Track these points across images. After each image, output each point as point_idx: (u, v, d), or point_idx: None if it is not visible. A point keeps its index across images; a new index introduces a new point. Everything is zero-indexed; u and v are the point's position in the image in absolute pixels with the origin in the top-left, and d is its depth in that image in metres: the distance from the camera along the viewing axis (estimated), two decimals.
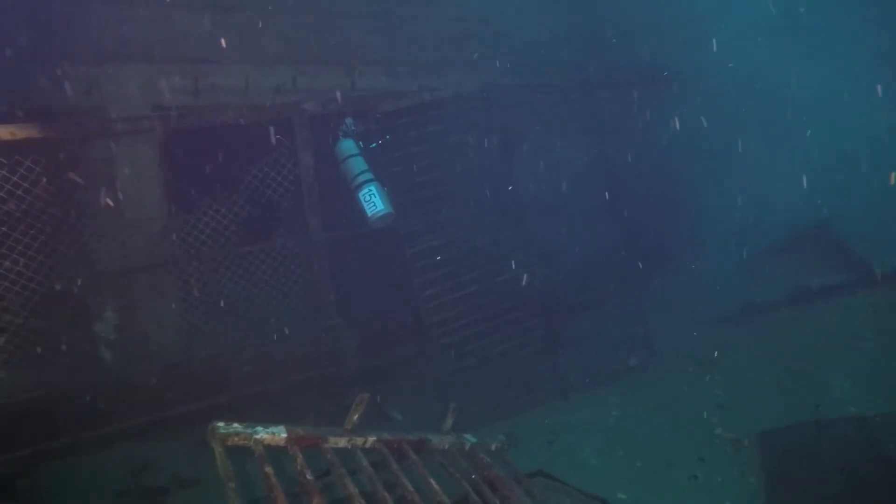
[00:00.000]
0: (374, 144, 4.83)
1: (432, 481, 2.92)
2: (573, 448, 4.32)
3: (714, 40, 6.10)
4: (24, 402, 4.25)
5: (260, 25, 4.89)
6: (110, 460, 4.17)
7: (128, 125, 4.40)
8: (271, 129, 4.70)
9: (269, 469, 2.40)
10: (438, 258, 4.73)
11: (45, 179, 4.31)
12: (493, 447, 3.76)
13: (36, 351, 4.57)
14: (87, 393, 4.39)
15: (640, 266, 5.50)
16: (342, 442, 2.93)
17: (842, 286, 5.44)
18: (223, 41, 4.71)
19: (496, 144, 5.04)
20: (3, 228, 4.21)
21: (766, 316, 5.48)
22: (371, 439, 3.04)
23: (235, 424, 2.60)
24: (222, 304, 4.87)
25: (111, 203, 4.56)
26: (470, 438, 3.67)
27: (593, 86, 5.63)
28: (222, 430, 2.51)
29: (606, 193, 5.41)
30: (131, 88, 4.55)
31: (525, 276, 5.01)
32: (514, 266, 4.99)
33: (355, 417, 3.03)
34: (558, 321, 5.22)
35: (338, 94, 4.86)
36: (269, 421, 2.86)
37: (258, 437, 2.59)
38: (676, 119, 5.77)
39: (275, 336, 4.84)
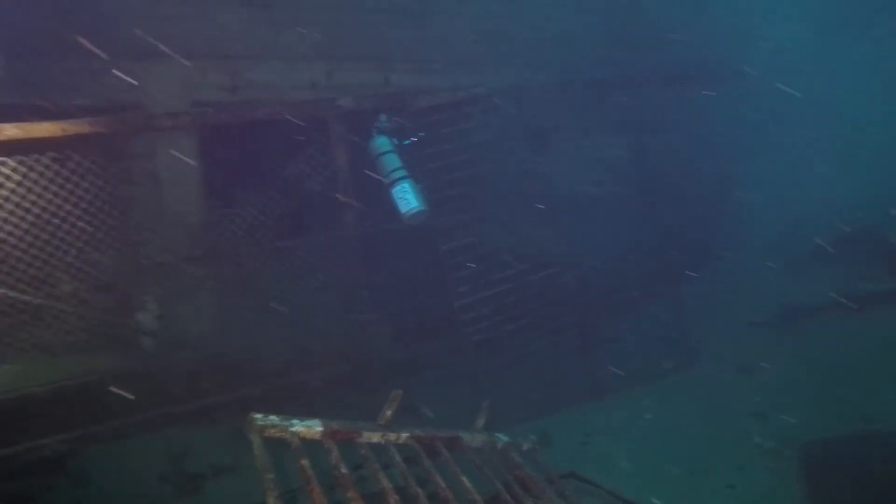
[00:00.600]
0: (408, 141, 4.83)
1: (464, 479, 2.92)
2: (606, 450, 4.26)
3: (761, 34, 5.92)
4: (75, 386, 4.42)
5: (296, 22, 4.93)
6: (152, 445, 4.29)
7: (168, 121, 4.49)
8: (307, 125, 4.74)
9: (305, 462, 2.43)
10: (472, 255, 4.72)
11: (92, 173, 4.45)
12: (524, 447, 3.74)
13: (85, 338, 4.75)
14: (131, 379, 4.53)
15: (679, 266, 5.39)
16: (376, 437, 2.94)
17: (892, 293, 5.23)
18: (260, 38, 4.77)
19: (531, 141, 4.99)
20: (56, 221, 4.37)
21: (810, 321, 5.31)
22: (404, 435, 3.05)
23: (272, 417, 2.64)
24: (257, 297, 4.95)
25: (153, 197, 4.69)
26: (502, 437, 3.65)
27: (631, 81, 5.53)
28: (260, 422, 2.56)
29: (644, 191, 5.31)
30: (172, 85, 4.65)
31: (559, 275, 4.95)
32: (548, 264, 4.93)
33: (389, 413, 3.05)
34: (592, 320, 5.16)
35: (372, 91, 4.88)
36: (301, 413, 2.89)
37: (294, 429, 2.62)
38: (719, 115, 5.62)
39: (309, 329, 4.90)
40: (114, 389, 4.36)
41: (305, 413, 2.89)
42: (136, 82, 4.47)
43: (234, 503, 3.78)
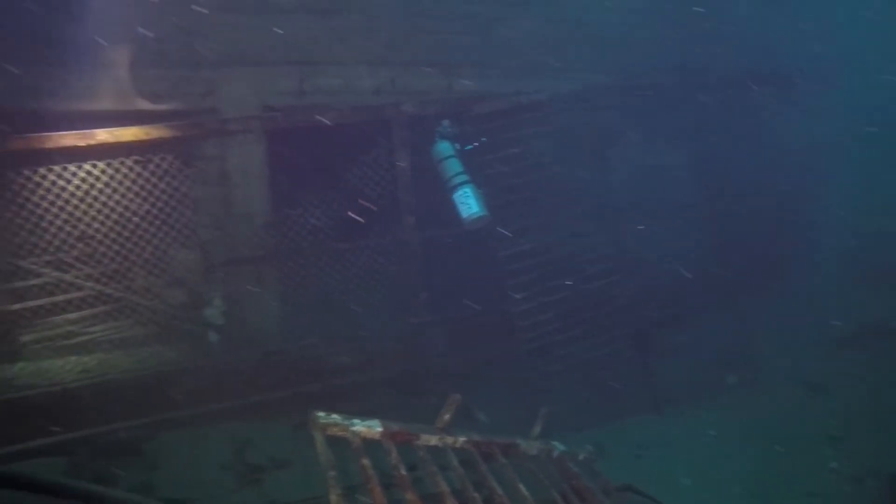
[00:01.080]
0: (469, 146, 4.85)
1: (521, 486, 2.91)
2: (664, 465, 4.13)
3: (840, 38, 5.62)
4: (149, 376, 4.67)
5: (362, 29, 5.05)
6: (216, 435, 4.45)
7: (239, 125, 4.69)
8: (371, 130, 4.84)
9: (366, 461, 2.48)
10: (531, 262, 4.69)
11: (169, 175, 4.70)
12: (580, 456, 3.68)
13: (157, 331, 5.01)
14: (198, 372, 4.74)
15: (743, 278, 5.19)
16: (433, 440, 2.97)
17: None
18: (327, 45, 4.90)
19: (591, 148, 4.93)
20: (135, 219, 4.63)
21: (887, 340, 5.00)
22: (461, 440, 3.07)
23: (335, 415, 2.70)
24: (318, 297, 5.08)
25: (222, 197, 4.89)
26: (558, 446, 3.61)
27: (696, 87, 5.38)
28: (323, 420, 2.62)
29: (708, 200, 5.15)
30: (243, 90, 4.84)
31: (618, 283, 4.87)
32: (607, 272, 4.86)
33: (447, 417, 3.07)
34: (652, 331, 5.03)
35: (435, 96, 4.94)
36: (357, 412, 2.95)
37: (355, 429, 2.68)
38: (791, 123, 5.38)
39: (366, 331, 4.99)
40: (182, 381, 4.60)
41: (360, 412, 2.95)
42: (211, 89, 4.69)
43: (291, 496, 3.85)
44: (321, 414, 2.66)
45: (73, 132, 4.14)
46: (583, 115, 4.91)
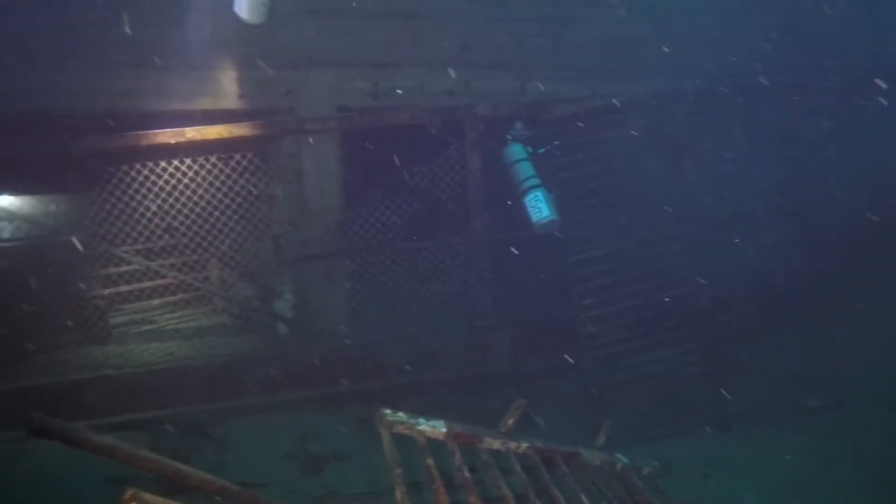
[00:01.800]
0: (542, 150, 4.80)
1: (583, 497, 2.85)
2: (734, 487, 3.93)
3: None
4: (222, 363, 4.89)
5: (437, 31, 5.10)
6: (282, 424, 4.59)
7: (316, 124, 4.83)
8: (443, 131, 4.87)
9: (430, 461, 2.50)
10: (600, 268, 4.59)
11: (248, 172, 4.91)
12: (645, 471, 3.56)
13: (230, 321, 5.24)
14: (267, 362, 4.93)
15: (832, 294, 4.87)
16: (496, 444, 2.95)
17: None
18: (402, 47, 4.98)
19: (669, 153, 4.77)
20: (216, 213, 4.87)
21: None
22: (524, 445, 3.04)
23: (400, 413, 2.73)
24: (385, 295, 5.16)
25: (296, 194, 5.06)
26: (622, 458, 3.51)
27: (784, 89, 5.09)
28: (389, 417, 2.66)
29: (791, 211, 4.87)
30: (320, 91, 4.99)
31: (691, 294, 4.69)
32: (679, 282, 4.69)
33: (511, 422, 3.04)
34: (725, 345, 4.81)
35: (508, 99, 4.92)
36: (418, 411, 2.97)
37: (420, 428, 2.70)
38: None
39: (430, 330, 5.03)
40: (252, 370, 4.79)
41: (421, 411, 2.97)
42: (290, 89, 4.86)
43: (351, 489, 3.93)
44: (388, 411, 2.70)
45: (166, 130, 4.39)
46: (660, 118, 4.74)
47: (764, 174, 5.05)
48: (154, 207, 4.74)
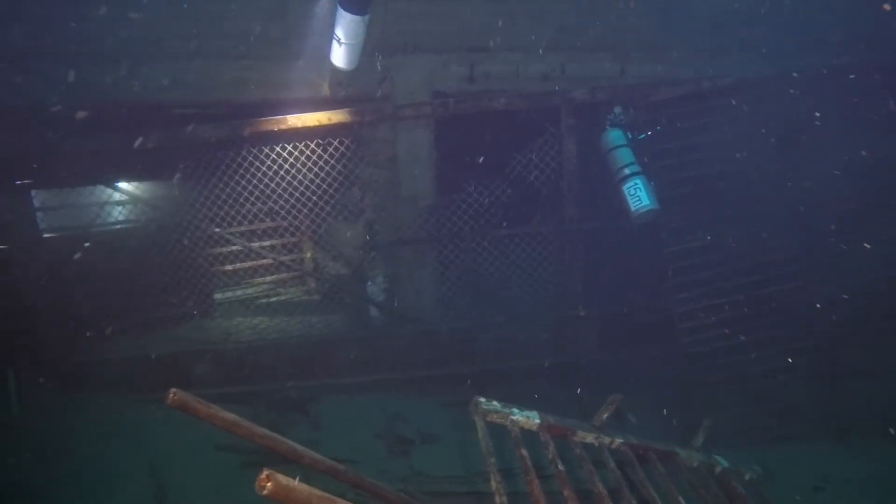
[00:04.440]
0: (642, 135, 4.58)
1: (681, 499, 2.73)
2: (849, 503, 3.65)
3: None
4: (315, 342, 5.10)
5: (532, 14, 4.96)
6: (371, 404, 4.74)
7: (411, 110, 4.86)
8: (538, 116, 4.77)
9: (524, 452, 2.48)
10: (700, 261, 4.35)
11: (345, 157, 5.04)
12: (746, 476, 3.38)
13: (326, 302, 5.43)
14: (358, 343, 5.08)
15: None
16: (590, 438, 2.89)
17: None
18: (497, 31, 4.89)
19: (780, 139, 4.42)
20: (314, 198, 5.04)
21: None
22: (618, 440, 2.95)
23: (494, 402, 2.72)
24: (475, 281, 5.16)
25: (390, 179, 5.14)
26: (722, 461, 3.34)
27: None
28: (484, 406, 2.66)
29: None
30: (416, 77, 5.00)
31: (800, 291, 4.35)
32: (787, 278, 4.36)
33: (605, 416, 2.97)
34: (839, 348, 4.44)
35: (606, 82, 4.73)
36: (504, 398, 2.94)
37: (514, 418, 2.68)
38: None
39: (519, 318, 4.98)
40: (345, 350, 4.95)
41: (507, 399, 2.93)
42: (386, 75, 4.91)
43: (436, 471, 3.98)
44: (482, 400, 2.70)
45: (269, 118, 4.58)
46: (771, 102, 4.40)
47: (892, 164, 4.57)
48: (257, 192, 4.97)
